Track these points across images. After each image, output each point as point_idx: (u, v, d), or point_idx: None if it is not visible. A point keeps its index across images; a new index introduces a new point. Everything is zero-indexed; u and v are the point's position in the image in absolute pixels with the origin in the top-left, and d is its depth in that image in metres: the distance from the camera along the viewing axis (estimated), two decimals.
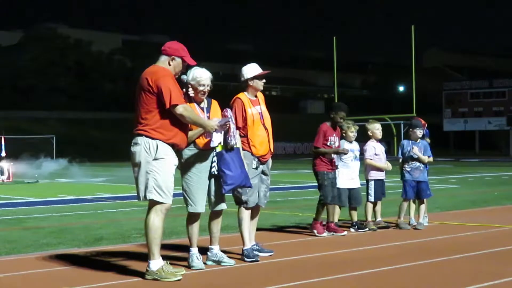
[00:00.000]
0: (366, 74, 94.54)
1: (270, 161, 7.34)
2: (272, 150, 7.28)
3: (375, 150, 9.43)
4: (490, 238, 8.57)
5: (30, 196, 16.41)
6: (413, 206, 9.73)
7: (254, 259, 6.87)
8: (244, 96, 7.15)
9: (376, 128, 9.53)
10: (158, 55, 6.27)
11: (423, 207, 9.58)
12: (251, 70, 7.18)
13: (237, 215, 7.09)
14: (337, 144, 8.76)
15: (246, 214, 7.08)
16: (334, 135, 8.74)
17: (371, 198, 9.37)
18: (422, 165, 9.49)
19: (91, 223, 10.65)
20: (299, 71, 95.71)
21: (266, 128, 7.19)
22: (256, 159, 7.09)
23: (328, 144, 8.66)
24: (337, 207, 8.99)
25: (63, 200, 15.25)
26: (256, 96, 7.24)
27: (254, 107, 7.14)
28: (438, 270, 6.37)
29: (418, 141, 9.54)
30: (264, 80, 7.25)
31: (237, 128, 6.83)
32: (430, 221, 9.98)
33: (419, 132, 9.59)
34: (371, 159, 9.40)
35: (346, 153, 8.82)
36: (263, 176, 7.22)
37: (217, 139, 6.35)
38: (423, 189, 9.49)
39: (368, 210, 9.36)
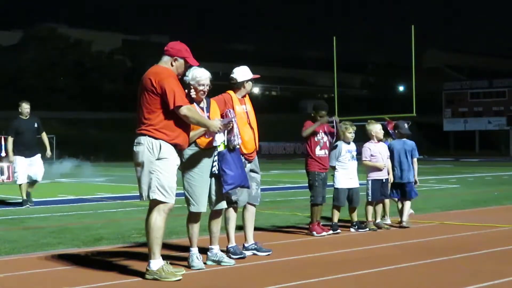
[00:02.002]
0: (366, 74, 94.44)
1: (256, 158, 7.42)
2: (257, 148, 7.39)
3: (371, 151, 9.45)
4: (490, 238, 8.57)
5: None
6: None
7: (241, 256, 6.97)
8: (233, 93, 7.24)
9: (379, 129, 9.58)
10: (158, 55, 6.29)
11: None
12: (245, 73, 7.31)
13: (224, 214, 7.12)
14: (325, 139, 8.79)
15: (233, 214, 7.16)
16: (321, 131, 8.81)
17: (369, 198, 9.38)
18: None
19: (91, 223, 10.65)
20: (299, 71, 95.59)
21: (252, 128, 7.27)
22: (243, 158, 7.17)
23: (316, 139, 8.73)
24: (335, 208, 9.03)
25: (63, 200, 15.24)
26: (243, 97, 7.33)
27: (241, 105, 7.24)
28: (438, 270, 6.37)
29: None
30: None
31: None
32: (430, 221, 10.01)
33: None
34: (365, 159, 9.42)
35: (337, 121, 8.84)
36: (252, 174, 7.27)
37: (219, 138, 6.40)
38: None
39: (368, 210, 9.37)
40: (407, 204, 9.63)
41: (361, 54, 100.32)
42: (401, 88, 79.28)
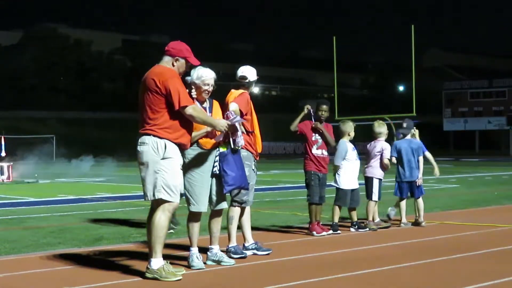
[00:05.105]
0: (366, 74, 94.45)
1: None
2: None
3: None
4: (490, 238, 8.57)
5: (30, 196, 16.41)
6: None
7: (242, 256, 6.97)
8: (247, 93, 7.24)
9: (386, 129, 9.64)
10: (158, 55, 6.30)
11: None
12: (254, 72, 7.32)
13: (227, 213, 7.12)
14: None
15: (237, 213, 7.18)
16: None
17: (375, 197, 9.36)
18: None
19: (91, 223, 10.65)
20: (299, 71, 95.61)
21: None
22: (255, 161, 7.22)
23: (313, 139, 8.75)
24: (337, 208, 9.03)
25: (63, 200, 15.24)
26: None
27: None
28: (438, 270, 6.37)
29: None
30: None
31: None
32: (430, 220, 10.01)
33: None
34: (389, 158, 9.42)
35: (309, 108, 8.83)
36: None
37: (223, 137, 6.42)
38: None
39: (370, 209, 9.36)
40: (420, 202, 9.64)
41: (361, 54, 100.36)
42: (401, 88, 79.26)
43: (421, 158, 9.67)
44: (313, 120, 8.80)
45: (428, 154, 9.78)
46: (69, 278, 6.11)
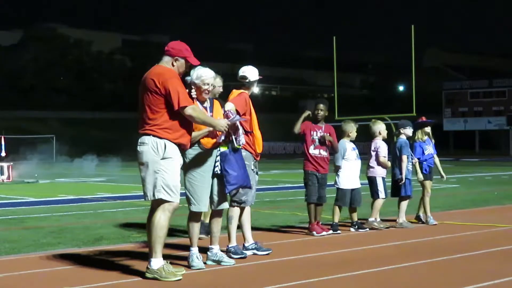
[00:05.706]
0: (366, 74, 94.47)
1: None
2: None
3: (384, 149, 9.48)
4: (490, 237, 8.57)
5: (30, 196, 16.41)
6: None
7: (242, 256, 6.98)
8: (247, 93, 7.24)
9: (384, 128, 9.61)
10: (158, 55, 6.30)
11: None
12: (255, 72, 7.34)
13: (227, 213, 7.13)
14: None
15: (236, 213, 7.18)
16: (317, 130, 8.82)
17: (382, 195, 9.36)
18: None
19: (91, 223, 10.65)
20: (299, 71, 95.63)
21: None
22: (254, 161, 7.22)
23: (311, 138, 8.75)
24: (337, 208, 9.03)
25: (63, 200, 15.24)
26: None
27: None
28: (438, 270, 6.38)
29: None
30: None
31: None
32: None
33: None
34: (384, 156, 9.42)
35: (309, 114, 8.83)
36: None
37: (224, 136, 6.43)
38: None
39: (377, 206, 9.34)
40: (402, 202, 9.60)
41: (361, 54, 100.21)
42: (401, 88, 79.26)
43: (404, 157, 9.55)
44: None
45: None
46: (69, 278, 6.11)
